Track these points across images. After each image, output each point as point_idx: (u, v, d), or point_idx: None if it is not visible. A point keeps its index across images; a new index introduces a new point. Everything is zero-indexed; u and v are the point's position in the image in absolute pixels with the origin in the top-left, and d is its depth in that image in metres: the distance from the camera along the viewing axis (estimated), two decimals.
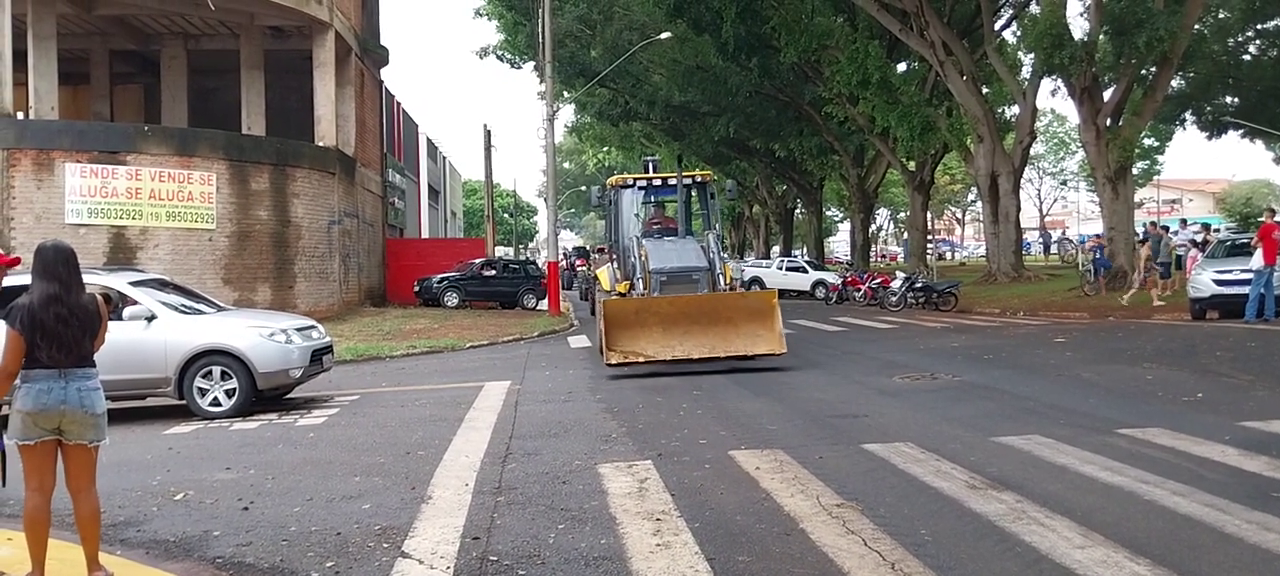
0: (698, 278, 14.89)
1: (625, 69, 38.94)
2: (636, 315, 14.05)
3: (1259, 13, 41.58)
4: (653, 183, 17.74)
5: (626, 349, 13.84)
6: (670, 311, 13.96)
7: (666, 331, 13.94)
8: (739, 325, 13.99)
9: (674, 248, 15.51)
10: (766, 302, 14.44)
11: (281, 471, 8.11)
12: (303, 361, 11.77)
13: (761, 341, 13.89)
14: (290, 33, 28.66)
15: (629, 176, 18.09)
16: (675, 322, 13.94)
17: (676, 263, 15.00)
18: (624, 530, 5.92)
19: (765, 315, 14.13)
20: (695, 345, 13.87)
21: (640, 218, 17.60)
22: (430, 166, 58.05)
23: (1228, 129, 51.44)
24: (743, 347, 13.83)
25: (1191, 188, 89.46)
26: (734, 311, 14.12)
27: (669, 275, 14.81)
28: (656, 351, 13.84)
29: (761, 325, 14.04)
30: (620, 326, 13.90)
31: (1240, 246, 20.65)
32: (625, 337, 13.87)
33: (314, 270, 25.98)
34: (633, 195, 17.54)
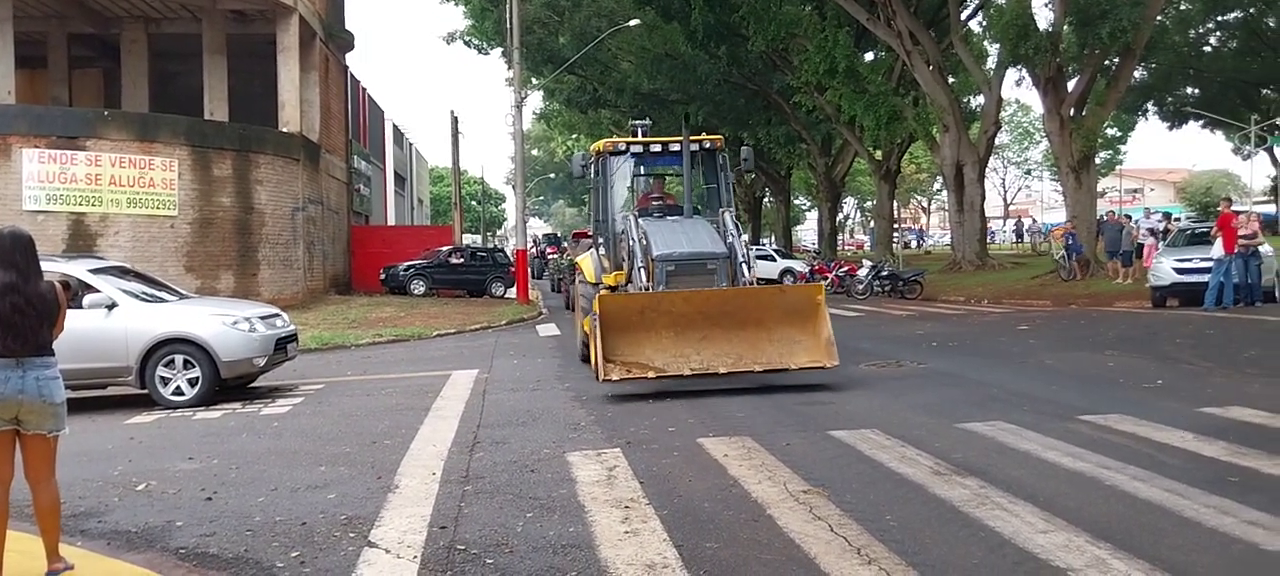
0: (714, 267, 11.66)
1: (594, 56, 38.84)
2: (642, 316, 10.82)
3: (1219, 5, 42.17)
4: (651, 148, 13.86)
5: (629, 359, 10.64)
6: (685, 311, 10.82)
7: (680, 337, 10.81)
8: (771, 328, 10.93)
9: (682, 229, 12.24)
10: (809, 299, 11.15)
11: (246, 461, 8.03)
12: (267, 350, 11.66)
13: (801, 349, 10.81)
14: (253, 16, 28.33)
15: (620, 140, 14.19)
16: (691, 325, 10.84)
17: (687, 248, 11.74)
18: (592, 518, 5.92)
19: (807, 315, 10.98)
20: (717, 354, 10.73)
21: (633, 192, 14.33)
22: (396, 153, 57.66)
23: (1188, 119, 52.18)
24: (778, 358, 10.73)
25: (1153, 177, 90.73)
26: (765, 310, 11.05)
27: (677, 263, 11.58)
28: (668, 363, 10.66)
29: (801, 328, 10.94)
30: (620, 330, 10.71)
31: (1200, 235, 20.98)
32: (627, 345, 10.72)
33: (278, 258, 25.74)
34: (625, 164, 13.90)
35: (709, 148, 13.68)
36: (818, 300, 11.08)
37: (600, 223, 13.96)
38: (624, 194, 14.12)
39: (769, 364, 10.66)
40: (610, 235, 13.44)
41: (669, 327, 10.83)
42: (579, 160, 14.02)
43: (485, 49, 45.22)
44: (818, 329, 10.89)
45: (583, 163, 13.98)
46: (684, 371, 10.60)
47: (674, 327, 10.84)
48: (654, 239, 11.82)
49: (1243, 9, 42.80)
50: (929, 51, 31.04)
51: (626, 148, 13.91)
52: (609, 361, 10.56)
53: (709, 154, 13.78)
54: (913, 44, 30.51)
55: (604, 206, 13.79)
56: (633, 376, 10.53)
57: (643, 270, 11.68)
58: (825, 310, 10.96)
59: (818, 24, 32.63)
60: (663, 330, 10.83)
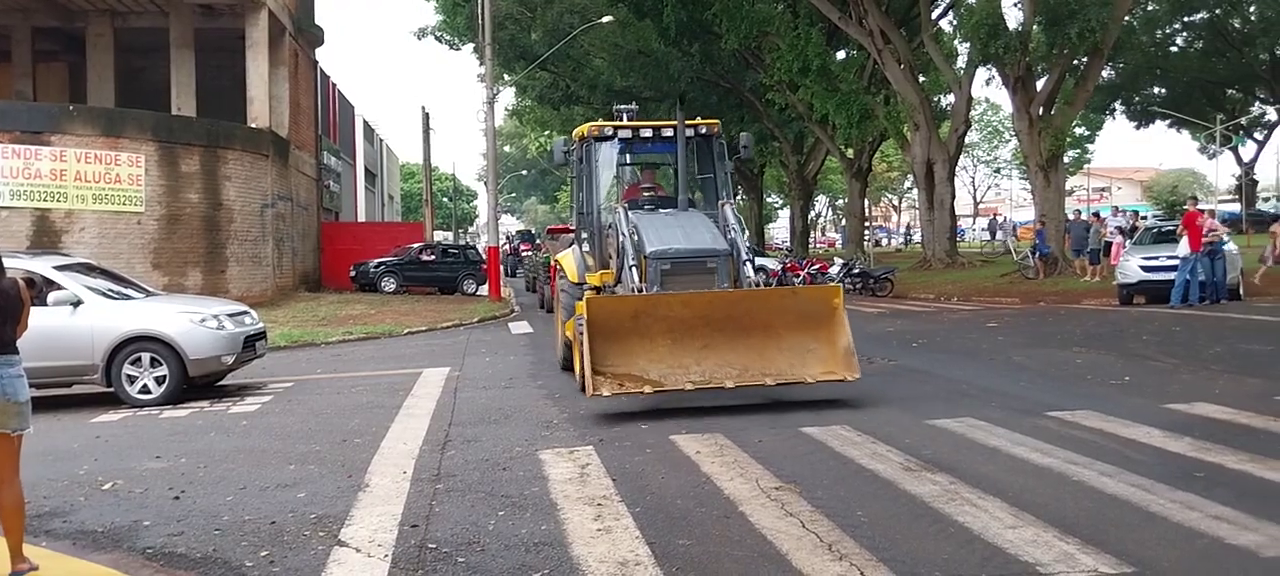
0: (714, 265, 10.41)
1: (566, 52, 38.74)
2: (635, 321, 9.50)
3: (1186, 6, 42.69)
4: (640, 134, 12.41)
5: (622, 371, 9.34)
6: (684, 315, 9.57)
7: (678, 345, 9.55)
8: (782, 335, 9.66)
9: (678, 223, 10.96)
10: (825, 302, 9.82)
11: (214, 460, 7.96)
12: (235, 348, 11.56)
13: (815, 359, 9.56)
14: (221, 11, 28.06)
15: (607, 124, 12.57)
16: (691, 332, 9.59)
17: (684, 244, 10.49)
18: (565, 516, 5.91)
19: (822, 321, 9.68)
20: (720, 365, 9.49)
21: (620, 182, 13.03)
22: (367, 149, 57.33)
23: (1155, 119, 52.85)
24: (789, 369, 9.46)
25: (1120, 176, 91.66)
26: (775, 315, 9.80)
27: (673, 261, 10.33)
28: (665, 375, 9.38)
29: (815, 335, 9.66)
30: (610, 337, 9.35)
31: (1166, 233, 21.25)
32: (618, 354, 9.41)
33: (247, 254, 25.51)
34: (611, 151, 12.47)
35: (705, 133, 12.21)
36: (835, 304, 9.69)
37: (584, 215, 12.45)
38: (611, 184, 12.70)
39: (780, 376, 9.34)
40: (595, 229, 12.02)
41: (666, 335, 9.53)
42: (560, 146, 12.54)
43: (457, 45, 45.00)
44: (834, 336, 9.57)
45: (564, 149, 12.49)
46: (684, 386, 9.25)
47: (671, 334, 9.53)
48: (646, 234, 10.52)
49: (1208, 10, 43.40)
50: (900, 50, 31.21)
51: (613, 133, 12.29)
52: (598, 374, 9.12)
53: (705, 140, 12.34)
54: (884, 43, 30.66)
55: (588, 197, 12.25)
56: (626, 392, 9.16)
57: (634, 269, 10.27)
58: (844, 315, 9.59)
59: (790, 22, 32.72)
60: (659, 337, 9.51)
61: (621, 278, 10.71)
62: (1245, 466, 6.47)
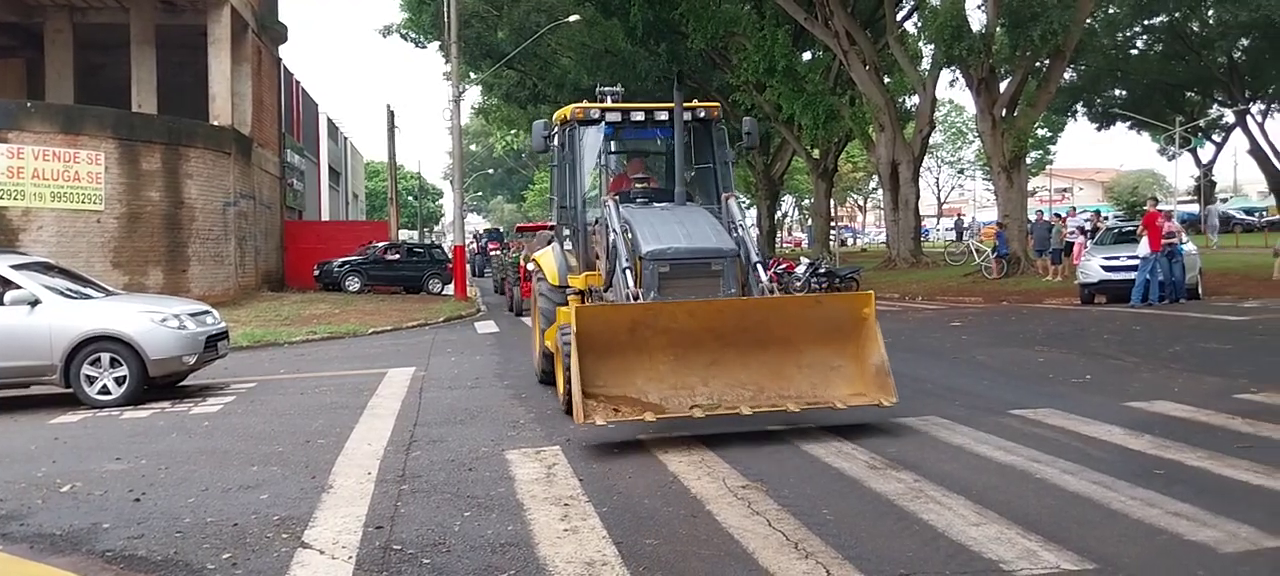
0: (720, 267, 8.99)
1: (533, 51, 38.66)
2: (632, 334, 8.10)
3: (1146, 9, 43.26)
4: (631, 117, 10.76)
5: (616, 393, 7.96)
6: (689, 327, 8.15)
7: (682, 361, 8.17)
8: (801, 350, 8.30)
9: (676, 219, 9.52)
10: (853, 312, 8.33)
11: (175, 461, 7.86)
12: (197, 348, 11.42)
13: (841, 378, 8.24)
14: (183, 7, 27.73)
15: (593, 105, 10.76)
16: (697, 346, 8.18)
17: (685, 243, 9.07)
18: (531, 516, 5.89)
19: (849, 333, 8.30)
20: (732, 385, 8.12)
21: (606, 171, 11.02)
22: (331, 147, 56.90)
23: (1116, 121, 53.54)
24: (811, 389, 8.15)
25: (1082, 177, 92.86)
26: (795, 327, 8.35)
27: (674, 263, 8.93)
28: (667, 397, 8.01)
29: (841, 350, 8.32)
30: (603, 353, 7.95)
31: (1126, 234, 21.55)
32: (612, 373, 8.01)
33: (208, 253, 25.25)
34: (598, 136, 10.67)
35: (704, 117, 10.69)
36: (865, 314, 8.22)
37: (566, 209, 10.89)
38: (596, 173, 10.89)
39: (801, 398, 8.01)
40: (579, 225, 10.59)
41: (668, 349, 8.13)
42: (540, 130, 10.91)
43: (422, 43, 44.78)
44: (865, 351, 8.21)
45: (544, 133, 10.86)
46: (691, 412, 7.79)
47: (674, 349, 8.13)
48: (641, 231, 9.11)
49: (1168, 14, 43.97)
50: (865, 52, 31.41)
51: (601, 116, 10.57)
52: (590, 397, 7.73)
53: (703, 125, 10.78)
54: (849, 44, 30.84)
55: (572, 189, 10.66)
56: (623, 418, 7.76)
57: (628, 271, 8.93)
58: (876, 327, 8.15)
59: (756, 23, 32.83)
60: (659, 353, 8.12)
61: (613, 282, 9.26)
62: (1204, 463, 6.56)
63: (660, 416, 7.79)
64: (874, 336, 8.16)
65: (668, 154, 11.00)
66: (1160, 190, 53.75)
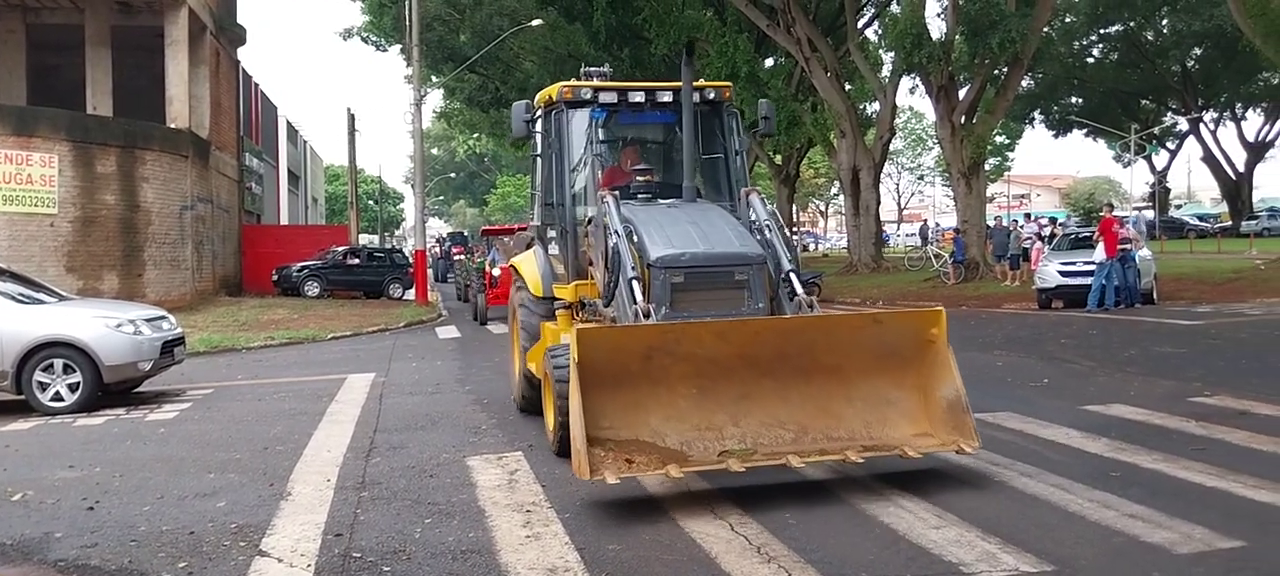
0: (745, 277, 7.37)
1: (495, 55, 38.55)
2: (647, 362, 6.47)
3: (1102, 18, 43.93)
4: (630, 98, 8.98)
5: (627, 436, 6.37)
6: (717, 353, 6.54)
7: (707, 395, 6.57)
8: (852, 381, 6.75)
9: (689, 219, 7.83)
10: (917, 333, 6.80)
11: (130, 469, 7.73)
12: (152, 353, 11.25)
13: (901, 415, 6.72)
14: (140, 8, 27.35)
15: (584, 84, 9.03)
16: (726, 376, 6.59)
17: (701, 246, 7.40)
18: (493, 523, 5.85)
19: (910, 359, 6.78)
20: (768, 423, 6.56)
21: (599, 161, 8.97)
22: (290, 150, 56.38)
23: (1073, 128, 54.35)
24: (865, 429, 6.62)
25: (1039, 183, 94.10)
26: (845, 351, 6.76)
27: (689, 271, 7.27)
28: (691, 439, 6.42)
29: (901, 381, 6.79)
30: (610, 385, 6.33)
31: (1083, 239, 21.87)
32: (623, 410, 6.42)
33: (165, 258, 24.90)
34: (589, 120, 8.89)
35: (713, 99, 9.10)
36: (932, 335, 6.67)
37: (552, 206, 9.10)
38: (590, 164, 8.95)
39: (855, 440, 6.50)
40: (568, 226, 8.86)
41: (690, 380, 6.54)
42: (520, 112, 9.18)
43: (383, 46, 44.53)
44: (933, 381, 6.66)
45: (526, 117, 9.18)
46: (724, 462, 6.10)
47: (698, 380, 6.54)
48: (647, 233, 7.47)
49: (1123, 23, 44.68)
50: (827, 58, 31.62)
51: (593, 96, 8.88)
52: (596, 446, 6.12)
53: (712, 109, 9.16)
54: (811, 51, 31.04)
55: (559, 182, 8.93)
56: (639, 472, 6.13)
57: (635, 282, 7.16)
58: (948, 353, 6.63)
59: (719, 29, 32.94)
60: (679, 384, 6.53)
61: (615, 295, 7.47)
62: (1159, 466, 6.66)
63: (687, 469, 6.07)
64: (945, 363, 6.62)
65: (667, 143, 9.51)
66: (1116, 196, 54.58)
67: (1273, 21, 23.70)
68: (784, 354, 6.66)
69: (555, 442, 7.45)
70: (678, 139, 8.82)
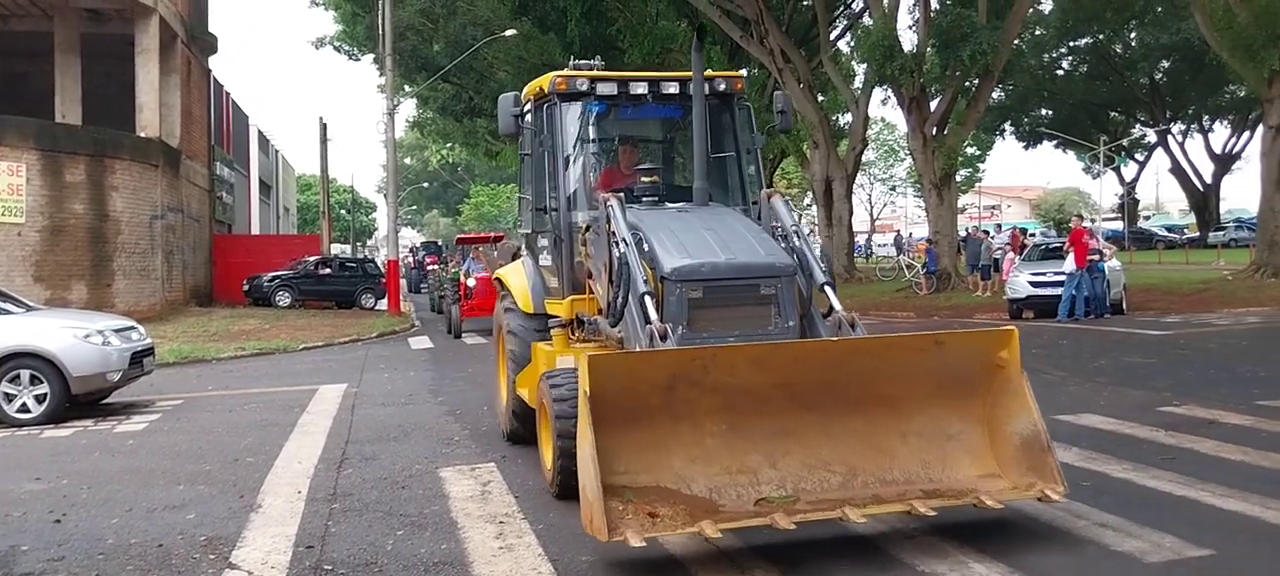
0: (772, 290, 6.50)
1: (469, 64, 38.45)
2: (669, 395, 5.52)
3: (1071, 31, 44.40)
4: (632, 89, 7.95)
5: (646, 482, 5.44)
6: (753, 382, 5.60)
7: (738, 432, 5.65)
8: (907, 413, 5.85)
9: (704, 224, 6.92)
10: (985, 355, 5.90)
11: (98, 481, 7.63)
12: (121, 364, 11.12)
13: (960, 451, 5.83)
14: (110, 16, 27.11)
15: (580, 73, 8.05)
16: (761, 408, 5.65)
17: (722, 256, 6.50)
18: (466, 534, 5.82)
19: (977, 386, 5.87)
20: (812, 464, 5.64)
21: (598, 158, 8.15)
22: (262, 160, 55.99)
23: (1043, 139, 54.86)
24: (923, 470, 5.72)
25: (1010, 194, 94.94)
26: (901, 378, 5.82)
27: (709, 284, 6.38)
28: (721, 486, 5.49)
29: (964, 412, 5.90)
30: (626, 422, 5.42)
31: (1053, 250, 22.08)
32: (640, 451, 5.50)
33: (134, 267, 24.65)
34: (584, 115, 7.97)
35: (723, 91, 8.17)
36: (1001, 359, 5.76)
37: (545, 211, 8.10)
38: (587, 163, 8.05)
39: (912, 483, 5.56)
40: (561, 233, 7.81)
41: (719, 415, 5.57)
42: (508, 106, 8.11)
43: (356, 55, 44.31)
44: (1001, 414, 5.77)
45: (514, 111, 8.12)
46: (760, 513, 5.22)
47: (729, 414, 5.58)
48: (658, 241, 6.57)
49: (1092, 36, 45.19)
50: (800, 70, 31.78)
51: (590, 87, 7.88)
52: (613, 496, 5.13)
53: (722, 101, 8.24)
54: (784, 62, 31.18)
55: (552, 184, 7.93)
56: (665, 530, 5.12)
57: (649, 298, 6.19)
58: (1022, 381, 5.71)
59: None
60: (707, 420, 5.57)
61: (624, 313, 6.48)
62: (1129, 475, 6.72)
63: (723, 525, 5.02)
64: (1018, 393, 5.68)
65: (669, 141, 8.74)
66: (1086, 208, 55.17)
67: (1239, 35, 24.06)
68: (830, 382, 5.68)
69: (555, 485, 6.43)
70: (685, 136, 8.06)
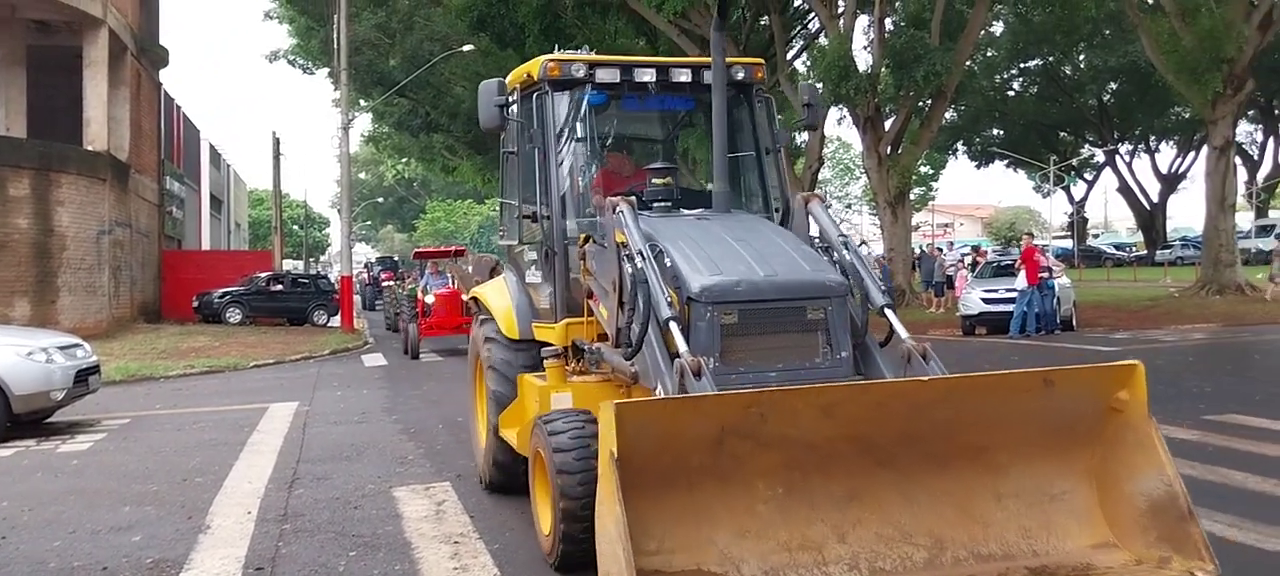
0: (820, 313, 5.41)
1: (426, 80, 38.28)
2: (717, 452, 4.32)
3: (1021, 53, 45.13)
4: (637, 77, 6.70)
5: (688, 567, 4.28)
6: (818, 434, 4.41)
7: (799, 496, 4.48)
8: (1002, 467, 4.71)
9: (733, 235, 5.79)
10: (1101, 393, 4.67)
11: (41, 502, 7.44)
12: (66, 382, 10.87)
13: (1067, 513, 4.68)
14: (58, 28, 26.63)
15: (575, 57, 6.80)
16: (826, 467, 4.50)
17: (760, 272, 5.35)
18: (420, 555, 5.74)
19: (1087, 434, 4.72)
20: (889, 539, 4.50)
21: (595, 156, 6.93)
22: (213, 174, 55.31)
23: (994, 159, 55.70)
24: (1023, 539, 4.59)
25: (962, 212, 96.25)
26: (994, 425, 4.67)
27: (746, 307, 5.22)
28: (781, 567, 4.32)
29: (1070, 466, 4.76)
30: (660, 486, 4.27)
31: (1005, 267, 22.40)
32: (678, 522, 4.34)
33: (80, 283, 24.20)
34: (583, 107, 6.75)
35: (742, 80, 6.94)
36: (1118, 400, 4.60)
37: (533, 219, 6.80)
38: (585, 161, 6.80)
39: (1014, 559, 4.53)
40: (554, 244, 6.61)
41: (776, 475, 4.48)
42: (492, 95, 6.70)
43: (311, 69, 43.96)
44: (1118, 467, 4.63)
45: (498, 101, 6.70)
46: None
47: (787, 474, 4.49)
48: (680, 254, 5.44)
49: (1042, 57, 45.98)
50: None
51: (587, 74, 6.64)
52: None
53: (739, 92, 7.00)
54: None
55: (544, 185, 6.65)
56: None
57: (674, 323, 5.04)
58: (1148, 425, 4.54)
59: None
60: (759, 481, 4.46)
61: (643, 343, 5.28)
62: None
63: None
64: (1146, 443, 4.50)
65: (668, 140, 7.67)
66: (1036, 226, 56.02)
67: (1184, 58, 24.62)
68: (912, 433, 4.55)
69: (555, 555, 5.23)
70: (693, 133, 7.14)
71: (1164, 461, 4.43)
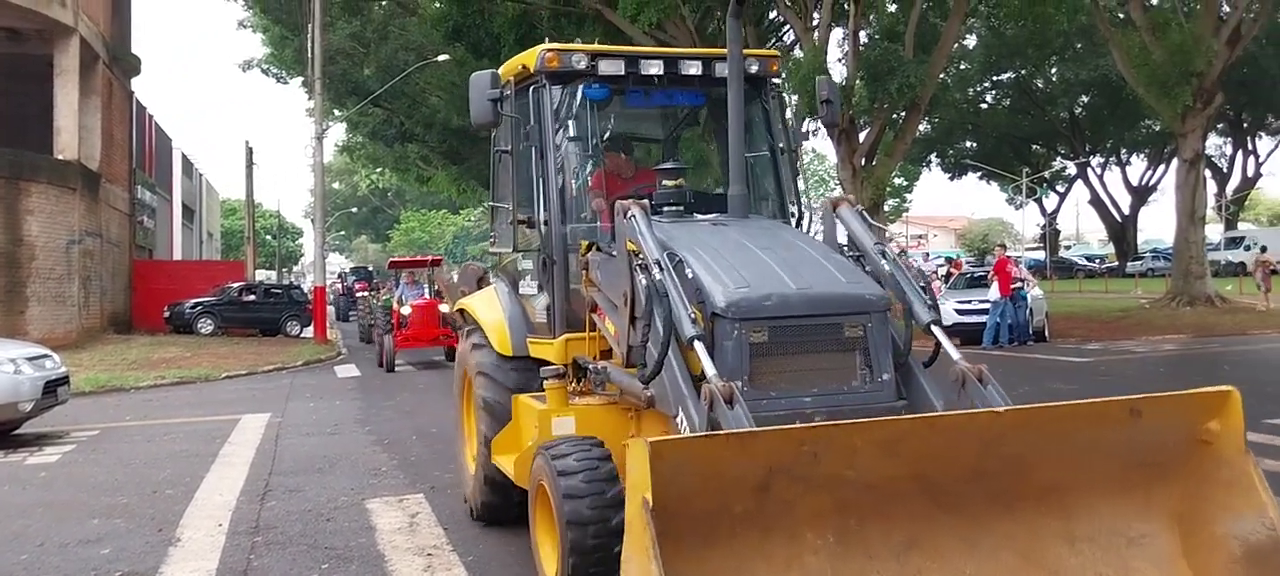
0: (858, 329, 4.90)
1: (401, 89, 38.15)
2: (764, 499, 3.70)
3: (995, 66, 45.56)
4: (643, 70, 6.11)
5: None
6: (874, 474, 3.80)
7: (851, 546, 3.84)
8: (1074, 510, 4.12)
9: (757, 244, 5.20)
10: (1189, 425, 4.03)
11: (8, 515, 7.35)
12: (34, 393, 10.75)
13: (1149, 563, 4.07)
14: (28, 36, 26.34)
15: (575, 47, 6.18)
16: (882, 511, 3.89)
17: (791, 285, 4.80)
18: (393, 567, 5.71)
19: (1173, 469, 4.10)
20: None
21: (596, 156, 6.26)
22: (185, 184, 54.88)
23: (968, 171, 56.13)
24: None
25: (936, 224, 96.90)
26: (1069, 462, 4.06)
27: (776, 323, 4.68)
28: None
29: (1150, 505, 4.14)
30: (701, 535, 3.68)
31: (978, 279, 22.56)
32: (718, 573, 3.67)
33: (50, 293, 23.94)
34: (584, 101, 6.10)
35: (756, 74, 6.46)
36: (1208, 432, 4.01)
37: (529, 224, 6.22)
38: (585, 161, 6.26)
39: None
40: (553, 252, 6.06)
41: (826, 523, 3.87)
42: (484, 89, 5.89)
43: (285, 79, 43.71)
44: (1208, 507, 4.06)
45: (491, 95, 5.88)
46: None
47: (839, 519, 3.89)
48: (701, 265, 4.93)
49: (1015, 71, 46.43)
50: None
51: (589, 65, 6.06)
52: None
53: (752, 86, 6.39)
54: None
55: (542, 188, 6.07)
56: None
57: (698, 342, 4.48)
58: (1245, 459, 3.95)
59: None
60: (807, 530, 3.85)
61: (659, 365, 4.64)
62: None
63: None
64: (1243, 481, 3.96)
65: (668, 139, 7.23)
66: (1009, 237, 56.50)
67: (1154, 72, 24.92)
68: (981, 471, 4.01)
69: None
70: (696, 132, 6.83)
71: (1265, 503, 3.84)
